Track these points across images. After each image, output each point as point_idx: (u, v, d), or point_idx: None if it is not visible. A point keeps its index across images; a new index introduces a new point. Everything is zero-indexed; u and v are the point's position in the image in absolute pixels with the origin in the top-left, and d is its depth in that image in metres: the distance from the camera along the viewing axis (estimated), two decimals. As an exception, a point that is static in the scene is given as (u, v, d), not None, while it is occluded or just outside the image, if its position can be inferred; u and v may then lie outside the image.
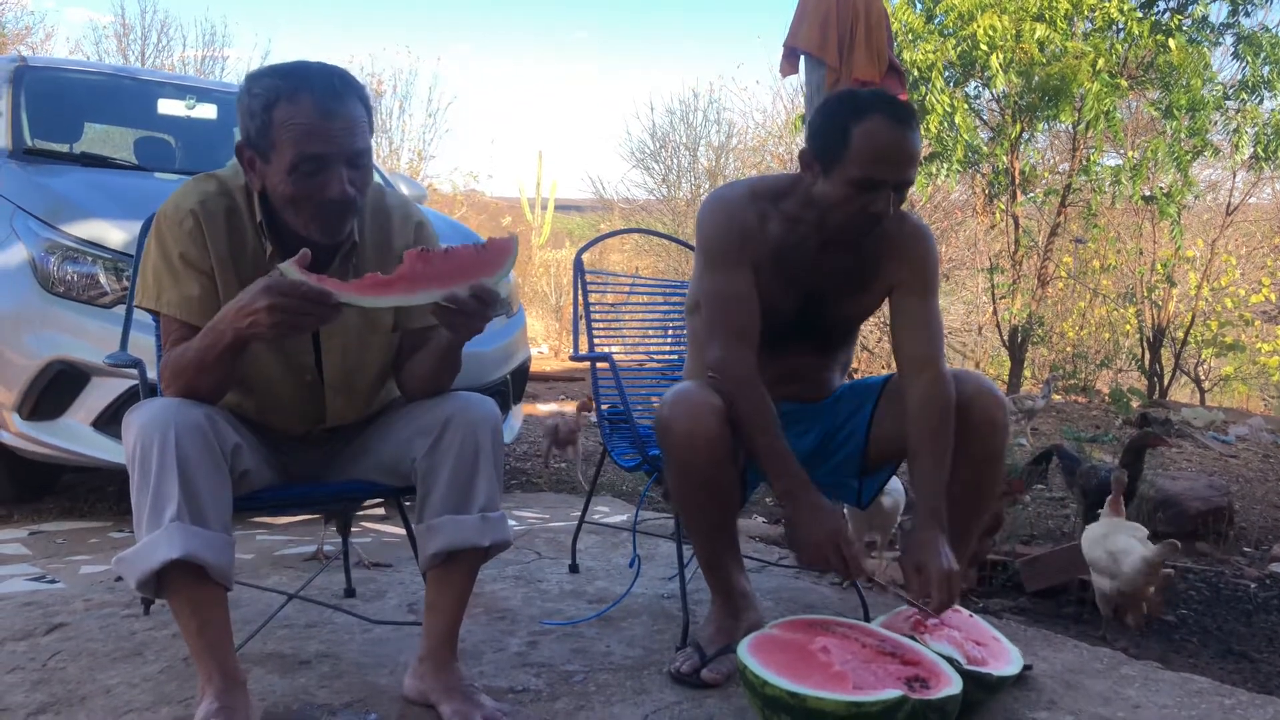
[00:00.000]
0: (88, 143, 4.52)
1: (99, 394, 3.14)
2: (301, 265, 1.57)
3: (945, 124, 7.87)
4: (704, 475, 1.96)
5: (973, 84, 8.57)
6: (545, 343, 11.57)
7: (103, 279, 3.18)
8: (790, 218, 2.06)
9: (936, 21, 8.11)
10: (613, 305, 2.98)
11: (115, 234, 3.22)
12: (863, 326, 2.40)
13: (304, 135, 1.67)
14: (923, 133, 7.93)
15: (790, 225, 2.07)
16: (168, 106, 4.50)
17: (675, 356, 2.89)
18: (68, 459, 3.23)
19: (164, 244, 1.76)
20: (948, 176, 8.35)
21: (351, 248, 1.83)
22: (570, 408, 4.71)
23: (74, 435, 3.16)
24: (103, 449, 3.13)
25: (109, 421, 3.12)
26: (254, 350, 1.75)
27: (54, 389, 3.14)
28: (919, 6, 8.21)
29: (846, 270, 2.10)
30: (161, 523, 1.57)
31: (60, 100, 4.34)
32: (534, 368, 6.17)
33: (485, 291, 1.64)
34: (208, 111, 4.58)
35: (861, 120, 1.91)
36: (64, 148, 4.23)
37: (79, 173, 3.78)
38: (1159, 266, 9.34)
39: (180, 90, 4.62)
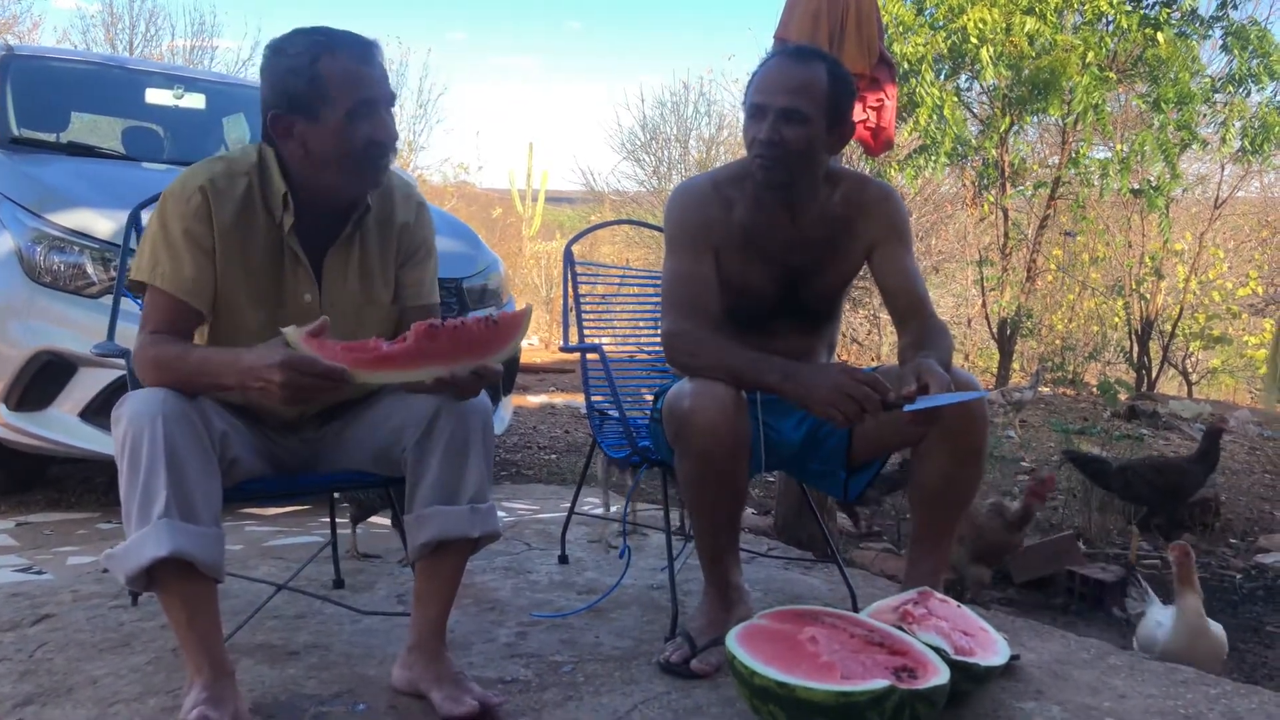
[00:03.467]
0: (75, 132, 4.48)
1: (86, 384, 3.12)
2: (315, 336, 1.57)
3: (935, 117, 7.88)
4: (723, 467, 1.96)
5: (963, 77, 8.58)
6: (535, 334, 11.55)
7: (90, 269, 3.16)
8: (754, 198, 2.13)
9: (927, 14, 8.12)
10: (603, 297, 2.97)
11: (102, 224, 3.20)
12: (854, 320, 2.42)
13: (356, 82, 1.72)
14: (911, 125, 8.02)
15: (755, 205, 2.13)
16: (156, 96, 4.47)
17: (665, 348, 2.88)
18: (55, 450, 3.21)
19: (166, 220, 1.75)
20: (936, 169, 8.35)
21: (365, 211, 1.85)
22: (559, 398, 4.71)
23: (61, 426, 3.14)
24: (90, 440, 3.11)
25: (96, 412, 3.10)
26: (246, 342, 1.75)
27: (41, 379, 3.13)
28: (909, -1, 8.21)
29: (820, 240, 2.15)
30: (150, 519, 1.56)
31: (47, 89, 4.31)
32: (524, 359, 6.18)
33: (489, 372, 1.66)
34: (196, 101, 4.55)
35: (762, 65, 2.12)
36: (51, 137, 4.20)
37: (66, 162, 3.75)
38: (1147, 259, 9.38)
39: (168, 80, 4.59)
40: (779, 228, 2.13)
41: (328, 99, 1.71)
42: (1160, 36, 7.80)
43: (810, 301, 2.20)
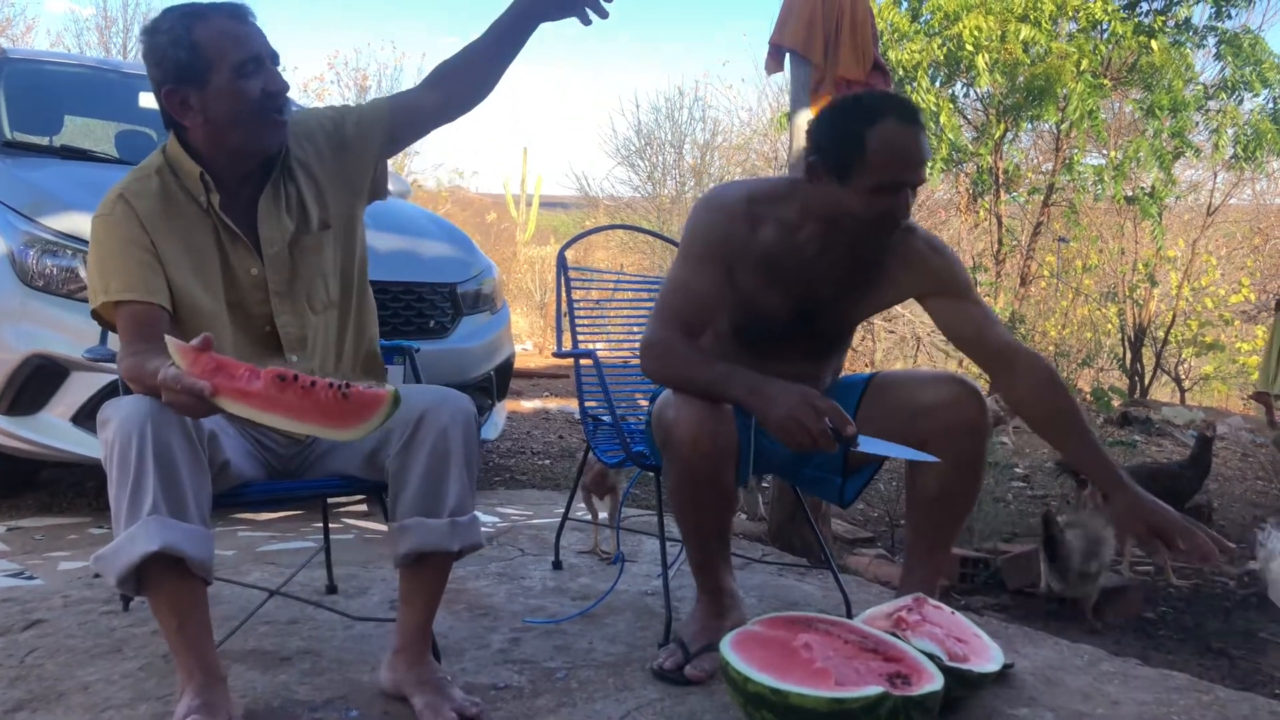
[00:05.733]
0: (68, 136, 4.48)
1: (78, 389, 3.11)
2: (197, 351, 1.53)
3: (930, 123, 7.89)
4: (707, 476, 1.95)
5: (958, 84, 8.60)
6: (529, 339, 11.54)
7: (82, 273, 3.15)
8: (786, 223, 2.04)
9: (922, 21, 8.13)
10: (597, 302, 2.97)
11: (95, 228, 3.19)
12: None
13: (235, 41, 1.75)
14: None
15: (786, 231, 2.04)
16: (149, 99, 4.44)
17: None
18: (46, 454, 3.20)
19: (100, 240, 1.77)
20: (931, 175, 8.37)
21: (285, 154, 1.87)
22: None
23: (53, 430, 3.13)
24: (82, 444, 3.10)
25: (88, 416, 3.08)
26: (214, 328, 1.76)
27: (33, 383, 3.11)
28: (904, 6, 8.23)
29: (843, 277, 2.08)
30: (140, 515, 1.55)
31: (40, 93, 4.30)
32: (518, 364, 6.16)
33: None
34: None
35: (874, 125, 1.88)
36: (44, 140, 4.19)
37: (59, 166, 3.74)
38: (1140, 266, 9.40)
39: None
40: (807, 260, 2.05)
41: (212, 63, 1.74)
42: (1154, 44, 7.82)
43: (824, 331, 2.16)
